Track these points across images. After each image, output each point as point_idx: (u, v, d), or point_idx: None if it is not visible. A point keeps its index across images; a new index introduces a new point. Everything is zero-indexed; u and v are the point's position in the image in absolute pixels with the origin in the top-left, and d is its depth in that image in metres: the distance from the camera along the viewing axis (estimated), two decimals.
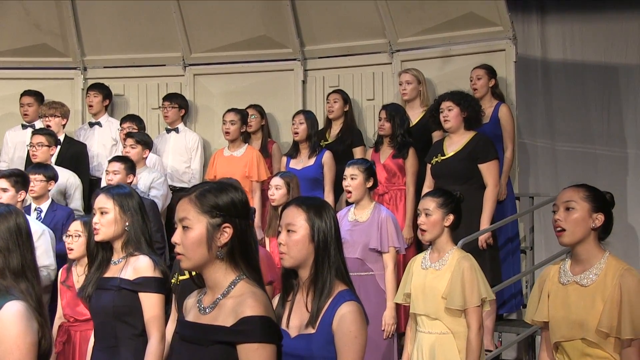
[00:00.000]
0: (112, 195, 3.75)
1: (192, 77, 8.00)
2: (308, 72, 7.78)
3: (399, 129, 6.32)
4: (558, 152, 6.99)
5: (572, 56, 7.10)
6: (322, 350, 2.82)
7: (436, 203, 4.24)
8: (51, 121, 7.14)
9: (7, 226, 2.74)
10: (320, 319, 2.84)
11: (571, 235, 3.32)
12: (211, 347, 2.42)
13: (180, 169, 7.40)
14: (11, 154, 7.52)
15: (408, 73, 6.88)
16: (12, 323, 2.61)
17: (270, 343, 2.40)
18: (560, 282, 3.38)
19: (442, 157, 5.85)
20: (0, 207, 2.82)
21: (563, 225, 3.33)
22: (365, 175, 5.24)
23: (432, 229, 4.24)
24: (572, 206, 3.33)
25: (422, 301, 4.24)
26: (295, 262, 2.90)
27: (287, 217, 2.94)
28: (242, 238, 2.50)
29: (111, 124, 7.60)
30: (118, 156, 6.23)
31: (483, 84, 6.50)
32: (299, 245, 2.88)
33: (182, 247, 2.49)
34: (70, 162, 6.90)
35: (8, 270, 2.71)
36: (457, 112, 5.78)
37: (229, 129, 6.89)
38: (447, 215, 4.23)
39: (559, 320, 3.35)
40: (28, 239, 2.79)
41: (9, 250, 2.72)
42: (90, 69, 8.13)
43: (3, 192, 5.48)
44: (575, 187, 3.40)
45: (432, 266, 4.26)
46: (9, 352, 2.59)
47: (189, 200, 2.51)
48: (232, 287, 2.48)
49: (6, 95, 7.96)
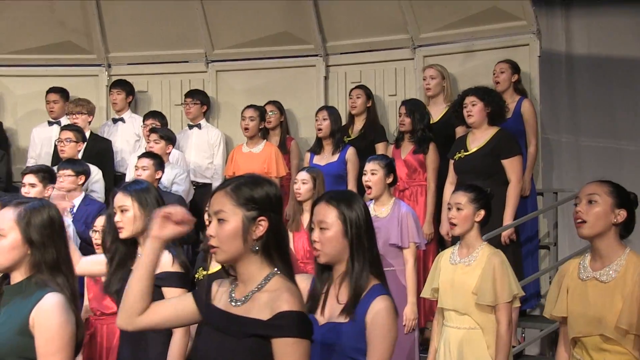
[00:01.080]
0: (130, 192, 3.77)
1: (215, 73, 8.05)
2: (330, 68, 7.81)
3: (419, 124, 6.32)
4: (582, 148, 6.95)
5: (597, 50, 7.04)
6: (352, 340, 2.85)
7: (468, 198, 4.26)
8: (78, 118, 7.23)
9: (41, 220, 2.79)
10: (353, 311, 2.86)
11: (591, 228, 3.32)
12: (244, 339, 2.43)
13: (203, 165, 7.45)
14: (38, 150, 7.63)
15: (432, 68, 6.88)
16: (54, 313, 2.71)
17: (306, 338, 2.43)
18: (579, 278, 3.38)
19: (465, 152, 5.85)
20: (33, 201, 2.89)
21: (584, 217, 3.32)
22: (385, 171, 5.26)
23: (462, 223, 4.25)
24: (594, 199, 3.33)
25: (451, 296, 4.25)
26: (330, 258, 2.92)
27: (318, 214, 2.95)
28: (276, 232, 2.50)
29: (134, 120, 7.68)
30: (147, 152, 6.31)
31: (506, 77, 6.49)
32: (333, 242, 2.90)
33: (217, 239, 2.49)
34: (95, 158, 6.98)
35: (44, 264, 2.80)
36: (481, 107, 5.78)
37: (248, 125, 6.94)
38: (478, 211, 4.25)
39: (577, 316, 3.35)
40: (62, 232, 2.87)
41: (44, 244, 2.80)
42: (115, 66, 8.22)
43: (31, 187, 5.58)
44: (600, 182, 3.40)
45: (462, 262, 4.27)
46: (51, 341, 2.69)
47: (224, 193, 2.51)
48: (267, 282, 2.49)
49: (32, 93, 8.08)
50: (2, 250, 2.78)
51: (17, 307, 2.76)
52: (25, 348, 2.71)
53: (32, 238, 2.77)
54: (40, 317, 2.70)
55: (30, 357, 2.70)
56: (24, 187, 5.61)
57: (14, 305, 2.77)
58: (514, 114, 6.35)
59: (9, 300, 2.79)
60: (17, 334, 2.71)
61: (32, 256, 2.78)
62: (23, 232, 2.77)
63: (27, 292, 2.77)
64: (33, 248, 2.78)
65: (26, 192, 5.51)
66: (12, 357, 2.71)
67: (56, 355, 2.68)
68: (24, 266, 2.80)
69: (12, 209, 2.82)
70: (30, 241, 2.78)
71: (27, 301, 2.74)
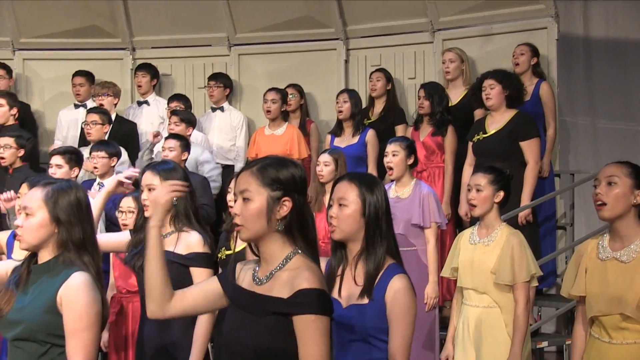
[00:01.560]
0: (158, 171, 3.79)
1: (237, 57, 8.12)
2: (350, 52, 7.87)
3: (437, 107, 6.38)
4: (599, 130, 6.98)
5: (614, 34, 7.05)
6: (373, 320, 2.90)
7: (488, 179, 4.31)
8: (104, 100, 7.30)
9: (68, 200, 2.83)
10: (372, 291, 2.91)
11: (611, 210, 3.33)
12: (266, 317, 2.46)
13: (226, 147, 7.53)
14: (65, 132, 7.70)
15: (451, 52, 6.93)
16: (81, 292, 2.74)
17: (326, 315, 2.44)
18: (599, 258, 3.39)
19: (483, 135, 5.91)
20: (60, 182, 2.91)
21: (604, 199, 3.33)
22: (406, 153, 5.33)
23: (482, 204, 4.30)
24: (614, 181, 3.33)
25: (470, 275, 4.33)
26: (345, 235, 2.96)
27: (339, 191, 2.99)
28: (300, 212, 2.53)
29: (159, 103, 7.76)
30: (174, 134, 6.37)
31: (525, 60, 6.53)
32: (350, 219, 2.94)
33: (242, 218, 2.52)
34: (121, 140, 6.97)
35: (71, 243, 2.82)
36: (499, 90, 5.84)
37: (270, 108, 7.03)
38: (497, 192, 4.30)
39: (596, 295, 3.36)
40: (88, 213, 2.89)
41: (71, 223, 2.82)
42: (139, 50, 8.30)
43: (58, 169, 5.60)
44: (619, 163, 3.40)
45: (481, 242, 4.33)
46: (79, 319, 2.73)
47: (250, 173, 2.54)
48: (288, 261, 2.51)
49: (59, 76, 8.16)
50: (31, 229, 2.82)
51: (45, 286, 2.80)
52: (53, 326, 2.76)
53: (59, 217, 2.81)
54: (68, 296, 2.74)
55: (57, 334, 2.76)
56: (51, 168, 5.64)
57: (42, 284, 2.81)
58: (533, 96, 6.39)
59: (37, 279, 2.84)
60: (45, 312, 2.76)
61: (59, 235, 2.82)
62: (51, 211, 2.81)
63: (55, 270, 2.81)
64: (60, 227, 2.82)
65: (53, 173, 5.53)
66: (40, 334, 2.76)
67: (83, 332, 2.73)
68: (51, 245, 2.84)
69: (40, 188, 2.86)
70: (58, 220, 2.81)
71: (55, 280, 2.79)
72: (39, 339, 2.77)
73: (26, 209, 2.84)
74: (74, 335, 2.73)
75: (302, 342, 2.42)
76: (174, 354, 3.74)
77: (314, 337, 2.41)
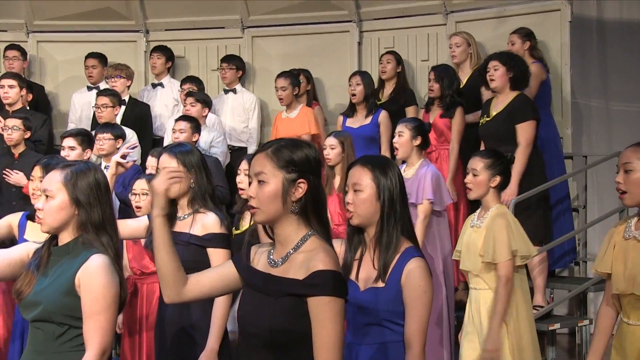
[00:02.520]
0: (175, 154, 3.79)
1: (250, 39, 8.14)
2: (363, 34, 7.87)
3: (447, 90, 6.37)
4: (612, 112, 6.98)
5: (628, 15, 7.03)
6: (389, 304, 2.91)
7: (484, 164, 4.32)
8: (117, 82, 7.31)
9: (87, 182, 2.86)
10: (389, 275, 2.92)
11: (631, 198, 3.31)
12: (281, 298, 2.46)
13: (239, 129, 7.56)
14: (78, 114, 7.73)
15: (458, 36, 6.92)
16: (99, 274, 2.77)
17: (340, 297, 2.44)
18: (623, 237, 3.40)
19: (487, 118, 5.92)
20: (79, 164, 2.94)
21: (622, 187, 3.32)
22: (412, 133, 5.31)
23: (477, 188, 4.33)
24: (630, 167, 3.30)
25: (467, 258, 4.38)
26: (362, 220, 2.98)
27: (353, 177, 3.00)
28: (315, 194, 2.52)
29: (173, 85, 7.77)
30: (184, 115, 6.39)
31: (517, 48, 6.50)
32: (366, 203, 2.96)
33: (257, 200, 2.51)
34: (134, 122, 7.09)
35: (90, 224, 2.85)
36: (503, 72, 5.83)
37: (281, 95, 7.02)
38: (494, 177, 4.31)
39: (618, 273, 3.38)
40: (107, 194, 2.92)
41: (90, 204, 2.84)
42: (152, 32, 8.31)
43: (71, 150, 5.61)
44: (635, 147, 3.35)
45: (477, 224, 4.38)
46: (96, 300, 2.76)
47: (265, 155, 2.53)
48: (303, 242, 2.51)
49: (72, 58, 8.18)
50: (51, 211, 2.84)
51: (64, 268, 2.83)
52: (71, 308, 2.78)
53: (79, 199, 2.83)
54: (86, 278, 2.77)
55: (76, 316, 2.79)
56: (64, 150, 5.65)
57: (62, 266, 2.84)
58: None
59: (57, 261, 2.86)
60: (64, 294, 2.79)
61: (79, 217, 2.84)
62: (70, 193, 2.83)
63: (74, 252, 2.83)
64: (80, 208, 2.84)
65: (66, 155, 5.52)
66: (59, 316, 2.79)
67: (101, 314, 2.76)
68: (71, 227, 2.86)
69: (59, 171, 2.88)
70: (77, 202, 2.83)
71: (74, 262, 2.81)
72: (57, 320, 2.79)
73: (46, 191, 2.87)
74: (92, 317, 2.76)
75: (316, 324, 2.42)
76: (194, 335, 3.76)
77: (328, 319, 2.41)
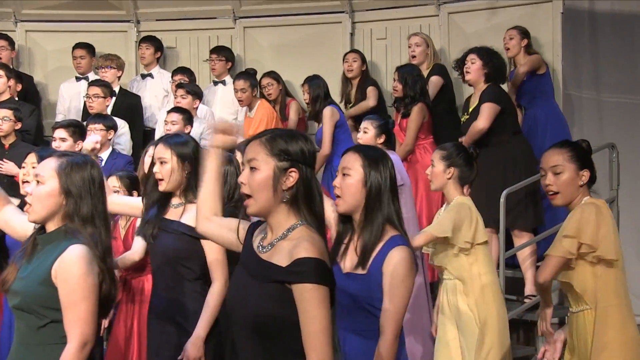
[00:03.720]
0: (170, 144, 3.78)
1: (242, 29, 8.10)
2: (356, 25, 7.85)
3: (410, 91, 6.34)
4: (603, 104, 6.99)
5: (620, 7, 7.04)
6: (371, 290, 2.94)
7: (440, 155, 4.40)
8: (107, 72, 7.28)
9: (82, 175, 2.82)
10: (371, 262, 2.95)
11: (563, 197, 3.47)
12: (266, 284, 2.48)
13: (228, 120, 7.55)
14: (67, 105, 7.67)
15: (417, 36, 7.01)
16: (75, 264, 2.73)
17: (324, 285, 2.44)
18: None
19: (466, 116, 6.01)
20: (77, 157, 2.90)
21: (554, 189, 3.47)
22: (376, 132, 5.37)
23: (434, 179, 4.41)
24: (559, 170, 3.46)
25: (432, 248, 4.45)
26: (349, 206, 3.01)
27: (344, 161, 3.04)
28: (306, 184, 2.53)
29: (163, 76, 7.74)
30: (176, 107, 6.39)
31: (515, 43, 6.53)
32: (352, 188, 2.99)
33: (249, 187, 2.54)
34: (125, 113, 7.05)
35: (77, 216, 2.81)
36: (479, 66, 5.89)
37: (241, 97, 7.00)
38: (448, 168, 4.36)
39: None
40: (101, 190, 2.87)
41: (80, 197, 2.81)
42: (143, 22, 8.26)
43: (62, 142, 5.59)
44: (559, 148, 3.52)
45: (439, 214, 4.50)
46: (73, 291, 2.73)
47: (259, 142, 2.55)
48: (291, 231, 2.53)
49: (62, 48, 8.09)
50: (40, 197, 2.81)
51: (44, 257, 2.80)
52: (47, 298, 2.75)
53: (69, 189, 2.80)
54: (62, 269, 2.74)
55: (53, 307, 2.75)
56: (55, 141, 5.63)
57: (43, 255, 2.82)
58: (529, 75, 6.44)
59: (41, 249, 2.84)
60: (40, 284, 2.76)
61: (67, 207, 2.81)
62: (62, 182, 2.80)
63: (57, 241, 2.81)
64: (69, 199, 2.81)
65: (57, 146, 5.51)
66: (36, 306, 2.76)
67: (80, 305, 2.73)
68: (57, 217, 2.83)
69: (55, 158, 2.85)
70: (68, 192, 2.80)
71: (53, 252, 2.78)
72: (36, 311, 2.77)
73: (38, 176, 2.85)
74: (70, 308, 2.73)
75: (301, 312, 2.43)
76: (185, 325, 3.74)
77: (312, 306, 2.41)
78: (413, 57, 6.94)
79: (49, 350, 2.77)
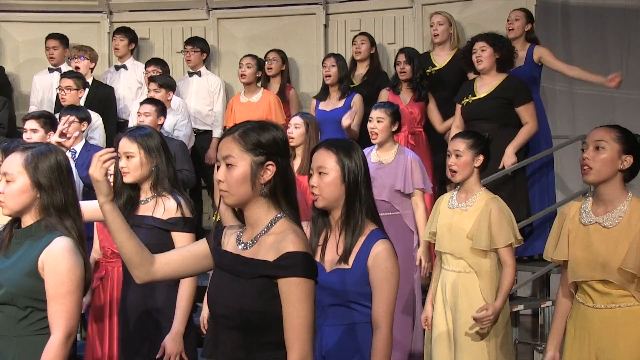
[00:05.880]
0: (135, 137, 3.78)
1: (216, 21, 8.07)
2: (330, 16, 7.84)
3: (418, 72, 6.40)
4: (576, 96, 7.04)
5: None
6: (355, 285, 2.96)
7: (466, 144, 4.31)
8: (80, 63, 7.20)
9: (48, 164, 2.85)
10: (355, 256, 2.97)
11: (597, 174, 3.31)
12: (252, 280, 2.48)
13: (203, 112, 7.49)
14: (40, 96, 7.60)
15: (440, 14, 6.87)
16: (63, 257, 2.77)
17: (310, 278, 2.46)
18: (581, 223, 3.39)
19: (473, 97, 5.88)
20: (40, 146, 2.91)
21: (590, 164, 3.32)
22: (391, 119, 5.34)
23: (462, 170, 4.31)
24: (602, 145, 3.30)
25: (447, 240, 4.36)
26: (327, 203, 3.02)
27: (317, 160, 3.03)
28: (284, 176, 2.53)
29: (136, 67, 7.67)
30: (149, 99, 6.31)
31: (519, 25, 6.40)
32: (331, 186, 2.99)
33: (226, 184, 2.51)
34: (98, 105, 6.98)
35: (53, 208, 2.84)
36: (490, 53, 5.82)
37: (245, 72, 6.98)
38: (477, 156, 4.31)
39: (579, 260, 3.37)
40: (69, 176, 2.90)
41: (52, 187, 2.84)
42: (116, 13, 8.21)
43: (33, 133, 5.51)
44: (608, 127, 3.36)
45: (459, 206, 4.35)
46: (61, 283, 2.75)
47: (232, 139, 2.52)
48: (273, 225, 2.52)
49: (34, 39, 8.03)
50: (12, 195, 2.82)
51: (27, 250, 2.82)
52: (33, 290, 2.78)
53: (40, 182, 2.82)
54: (50, 261, 2.77)
55: (39, 298, 2.78)
56: (26, 132, 5.54)
57: (24, 248, 2.83)
58: (527, 61, 6.36)
59: (19, 243, 2.85)
60: (26, 276, 2.78)
61: (41, 200, 2.83)
62: (31, 176, 2.82)
63: (37, 235, 2.83)
64: (42, 192, 2.83)
65: (28, 137, 5.45)
66: (21, 298, 2.78)
67: (66, 297, 2.76)
68: (33, 210, 2.85)
69: (19, 154, 2.86)
70: (39, 185, 2.82)
71: (37, 244, 2.81)
72: (19, 303, 2.78)
73: (6, 175, 2.85)
74: (56, 300, 2.75)
75: (287, 305, 2.44)
76: (158, 319, 3.75)
77: (299, 300, 2.43)
78: (435, 36, 6.82)
79: (29, 341, 2.79)
